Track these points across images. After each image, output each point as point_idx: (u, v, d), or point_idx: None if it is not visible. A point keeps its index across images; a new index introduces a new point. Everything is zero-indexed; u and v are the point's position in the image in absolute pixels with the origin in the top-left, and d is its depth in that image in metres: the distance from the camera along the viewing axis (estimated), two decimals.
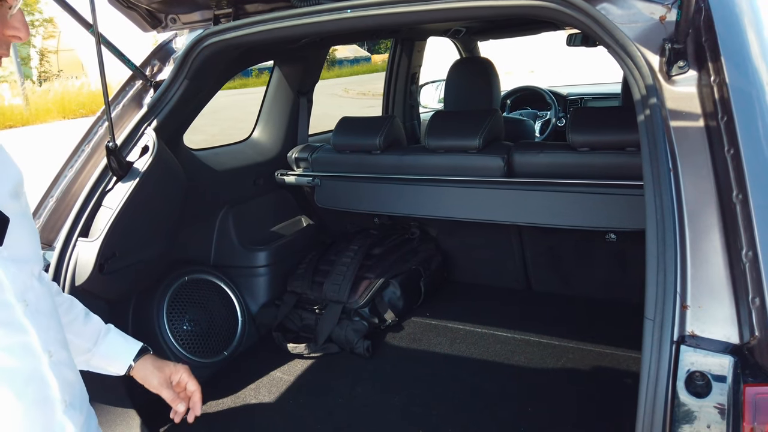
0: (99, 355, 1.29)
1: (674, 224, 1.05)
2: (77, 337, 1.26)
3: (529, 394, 1.99)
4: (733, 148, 1.02)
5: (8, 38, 0.90)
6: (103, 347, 1.29)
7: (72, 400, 1.02)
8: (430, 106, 4.37)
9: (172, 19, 1.89)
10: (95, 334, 1.29)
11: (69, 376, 1.03)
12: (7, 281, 0.91)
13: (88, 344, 1.28)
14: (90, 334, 1.28)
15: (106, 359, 1.31)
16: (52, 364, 0.97)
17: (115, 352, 1.31)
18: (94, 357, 1.29)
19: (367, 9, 1.53)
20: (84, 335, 1.27)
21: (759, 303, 0.90)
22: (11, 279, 0.92)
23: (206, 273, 2.40)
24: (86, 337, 1.27)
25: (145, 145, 1.83)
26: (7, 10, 0.88)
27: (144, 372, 1.32)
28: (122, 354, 1.31)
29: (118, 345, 1.31)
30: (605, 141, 2.07)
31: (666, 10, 1.24)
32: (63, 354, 1.03)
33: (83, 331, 1.27)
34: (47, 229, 1.79)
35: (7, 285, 0.91)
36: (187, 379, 1.35)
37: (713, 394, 0.93)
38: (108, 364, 1.32)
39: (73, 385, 1.05)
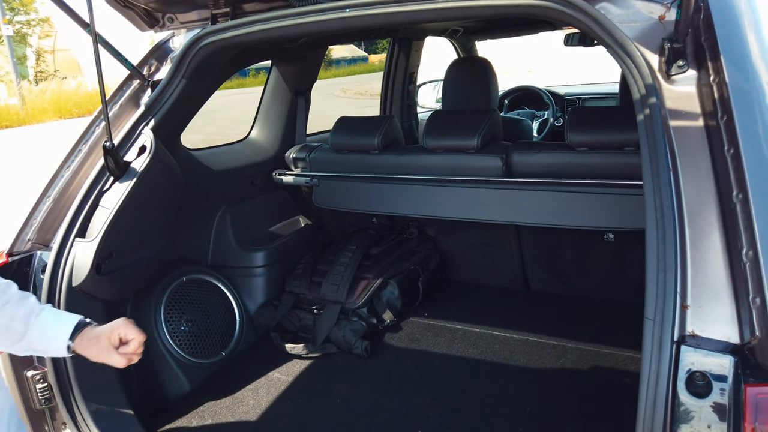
0: (34, 337, 1.25)
1: (674, 224, 1.04)
2: (11, 320, 1.23)
3: (527, 394, 1.99)
4: (733, 148, 1.02)
5: None
6: (36, 329, 1.25)
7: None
8: (427, 105, 4.36)
9: (169, 18, 1.88)
10: (28, 315, 1.25)
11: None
12: None
13: (23, 327, 1.24)
14: (22, 316, 1.25)
15: (42, 341, 1.26)
16: None
17: (49, 332, 1.26)
18: (31, 340, 1.25)
19: (365, 8, 1.52)
20: (17, 317, 1.24)
21: (760, 303, 0.90)
22: None
23: (204, 273, 2.39)
24: (19, 320, 1.24)
25: (143, 145, 1.82)
26: None
27: (82, 348, 1.27)
28: (57, 334, 1.26)
29: (51, 325, 1.26)
30: (603, 141, 2.07)
31: (665, 10, 1.24)
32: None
33: (16, 314, 1.24)
34: (44, 230, 1.78)
35: None
36: (125, 332, 1.29)
37: (714, 394, 0.93)
38: (45, 345, 1.27)
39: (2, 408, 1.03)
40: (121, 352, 1.26)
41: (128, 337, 1.28)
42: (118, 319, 1.31)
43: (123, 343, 1.28)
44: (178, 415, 1.99)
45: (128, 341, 1.28)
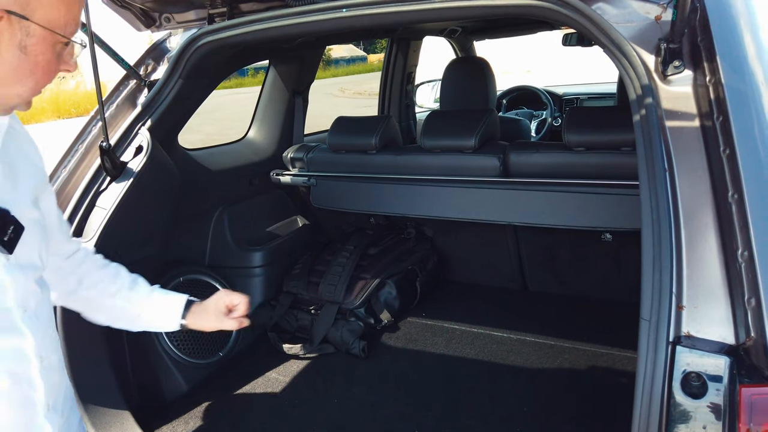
0: (147, 318, 1.37)
1: (670, 224, 1.04)
2: (126, 302, 1.34)
3: (525, 394, 1.99)
4: (728, 148, 1.02)
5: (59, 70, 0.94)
6: (149, 310, 1.36)
7: (55, 403, 1.04)
8: (425, 105, 4.36)
9: (166, 18, 1.87)
10: (140, 299, 1.36)
11: (56, 379, 1.05)
12: (10, 287, 0.93)
13: (137, 309, 1.36)
14: (137, 300, 1.36)
15: (155, 321, 1.39)
16: (42, 369, 0.98)
17: (161, 314, 1.38)
18: (144, 320, 1.38)
19: (363, 8, 1.52)
20: (132, 301, 1.35)
21: (755, 303, 0.90)
22: (14, 285, 0.93)
23: (201, 273, 2.39)
24: (134, 303, 1.35)
25: (140, 145, 1.82)
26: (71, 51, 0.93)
27: (193, 323, 1.39)
28: (169, 315, 1.38)
29: (162, 308, 1.38)
30: (601, 141, 2.07)
31: (661, 10, 1.24)
32: (54, 358, 1.05)
33: (131, 297, 1.35)
34: None
35: (10, 291, 0.93)
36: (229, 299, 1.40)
37: (709, 395, 0.93)
38: (159, 325, 1.40)
39: (59, 388, 1.07)
40: (233, 317, 1.38)
41: (234, 302, 1.39)
42: (218, 292, 1.44)
43: (230, 310, 1.39)
44: (175, 415, 1.98)
45: (234, 306, 1.39)
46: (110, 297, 1.33)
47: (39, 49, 0.87)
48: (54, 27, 0.87)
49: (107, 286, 1.33)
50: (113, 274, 1.36)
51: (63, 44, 0.91)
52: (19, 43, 0.85)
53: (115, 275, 1.36)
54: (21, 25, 0.84)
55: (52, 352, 1.04)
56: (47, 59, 0.88)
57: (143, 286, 1.38)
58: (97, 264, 1.35)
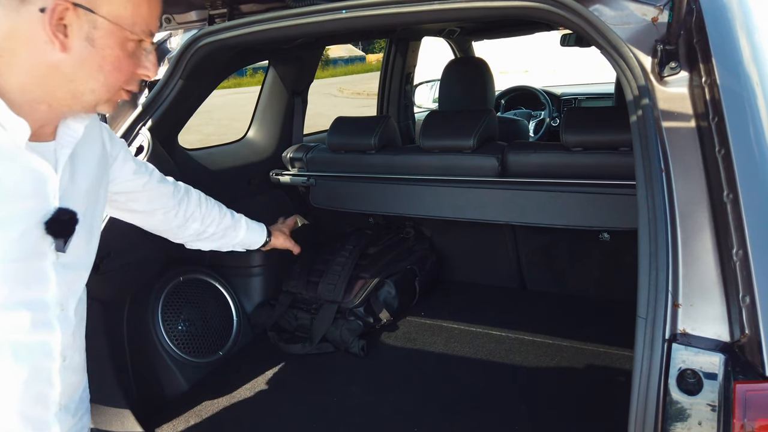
0: (241, 241, 1.72)
1: (666, 224, 1.06)
2: (225, 229, 1.66)
3: (523, 392, 2.00)
4: (723, 149, 1.03)
5: (140, 75, 0.97)
6: (242, 235, 1.71)
7: (68, 403, 1.05)
8: (424, 105, 4.37)
9: (166, 18, 1.88)
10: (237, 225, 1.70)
11: (73, 379, 1.07)
12: (55, 285, 0.96)
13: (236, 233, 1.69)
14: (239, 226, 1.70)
15: (248, 243, 1.76)
16: (62, 368, 1.00)
17: (253, 237, 1.75)
18: (239, 243, 1.73)
19: (362, 9, 1.53)
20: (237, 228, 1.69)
21: (749, 301, 0.91)
22: (59, 283, 0.96)
23: (201, 273, 2.40)
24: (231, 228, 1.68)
25: (140, 145, 1.83)
26: (142, 51, 0.95)
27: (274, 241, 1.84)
28: (258, 237, 1.77)
29: (253, 232, 1.75)
30: (598, 141, 2.08)
31: (658, 12, 1.25)
32: (76, 359, 1.07)
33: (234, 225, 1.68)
34: None
35: (54, 288, 0.96)
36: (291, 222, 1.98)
37: (704, 392, 0.94)
38: (249, 244, 1.77)
39: (75, 389, 1.09)
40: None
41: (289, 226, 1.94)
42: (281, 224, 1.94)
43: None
44: (175, 414, 1.99)
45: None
46: (210, 225, 1.61)
47: (106, 42, 0.89)
48: (121, 23, 0.89)
49: (208, 217, 1.60)
50: (218, 208, 1.64)
51: (135, 43, 0.93)
52: (86, 35, 0.87)
53: (219, 209, 1.65)
54: (88, 18, 0.87)
55: (75, 353, 1.06)
56: (116, 55, 0.91)
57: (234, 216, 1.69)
58: (194, 201, 1.57)
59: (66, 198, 0.97)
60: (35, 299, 0.93)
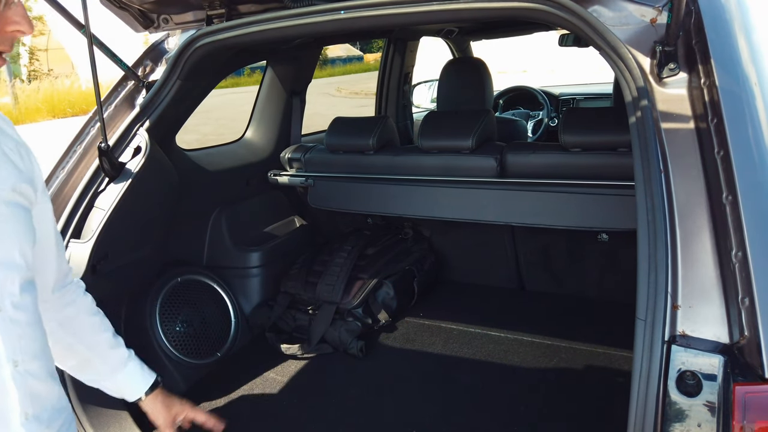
0: (115, 382, 1.33)
1: (665, 225, 1.06)
2: (102, 362, 1.29)
3: (521, 393, 2.00)
4: (722, 150, 1.03)
5: (12, 34, 0.88)
6: (121, 376, 1.32)
7: (38, 413, 0.99)
8: (422, 105, 4.37)
9: (164, 19, 1.88)
10: (118, 362, 1.31)
11: (38, 388, 1.00)
12: None
13: (108, 370, 1.30)
14: (114, 362, 1.30)
15: (121, 388, 1.34)
16: (15, 374, 0.93)
17: (131, 383, 1.34)
18: (109, 382, 1.33)
19: (360, 10, 1.53)
20: (108, 361, 1.30)
21: (748, 303, 0.91)
22: None
23: (199, 274, 2.40)
24: (109, 364, 1.30)
25: (138, 146, 1.82)
26: (9, 6, 0.86)
27: (153, 407, 1.36)
28: (137, 386, 1.34)
29: (135, 377, 1.34)
30: (597, 141, 2.08)
31: (657, 13, 1.25)
32: (34, 365, 0.99)
33: (108, 357, 1.30)
34: None
35: None
36: (193, 416, 1.40)
37: (704, 393, 0.94)
38: (120, 391, 1.35)
39: (42, 399, 1.01)
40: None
41: (190, 419, 1.40)
42: (188, 407, 1.41)
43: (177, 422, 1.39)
44: None
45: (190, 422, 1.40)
46: (86, 348, 1.26)
47: None
48: None
49: (90, 337, 1.26)
50: (99, 325, 1.29)
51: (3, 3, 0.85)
52: None
53: (101, 328, 1.29)
54: None
55: (32, 359, 0.98)
56: None
57: (122, 350, 1.32)
58: (86, 308, 1.27)
59: None
60: None
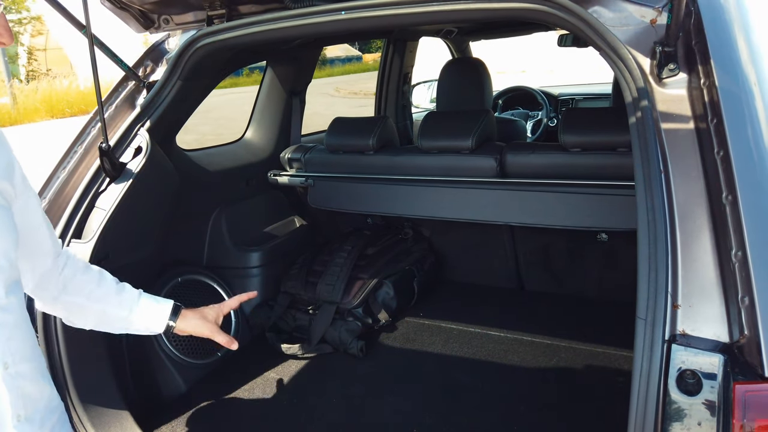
0: (136, 320, 1.39)
1: (665, 225, 1.06)
2: (113, 307, 1.35)
3: (521, 392, 2.01)
4: (722, 150, 1.03)
5: None
6: (140, 312, 1.38)
7: (30, 415, 1.00)
8: (421, 106, 4.38)
9: (165, 19, 1.88)
10: (131, 302, 1.38)
11: (28, 389, 1.01)
12: None
13: (124, 312, 1.37)
14: (127, 303, 1.37)
15: (144, 323, 1.41)
16: (6, 376, 0.95)
17: (152, 315, 1.40)
18: (132, 323, 1.40)
19: (361, 11, 1.53)
20: (121, 305, 1.36)
21: (748, 302, 0.92)
22: None
23: (199, 274, 2.40)
24: (123, 306, 1.37)
25: (138, 146, 1.82)
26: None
27: (191, 326, 1.45)
28: (159, 316, 1.41)
29: (153, 309, 1.41)
30: (597, 142, 2.09)
31: (656, 14, 1.26)
32: (24, 366, 1.00)
33: (119, 302, 1.36)
34: None
35: None
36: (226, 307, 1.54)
37: (704, 392, 0.94)
38: (147, 326, 1.41)
39: (34, 400, 1.03)
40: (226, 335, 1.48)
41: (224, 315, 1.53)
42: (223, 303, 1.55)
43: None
44: (174, 415, 1.99)
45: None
46: (96, 301, 1.33)
47: None
48: None
49: (93, 291, 1.33)
50: (97, 277, 1.35)
51: None
52: None
53: (100, 279, 1.35)
54: None
55: (22, 361, 0.99)
56: None
57: (130, 290, 1.40)
58: (80, 268, 1.33)
59: None
60: None
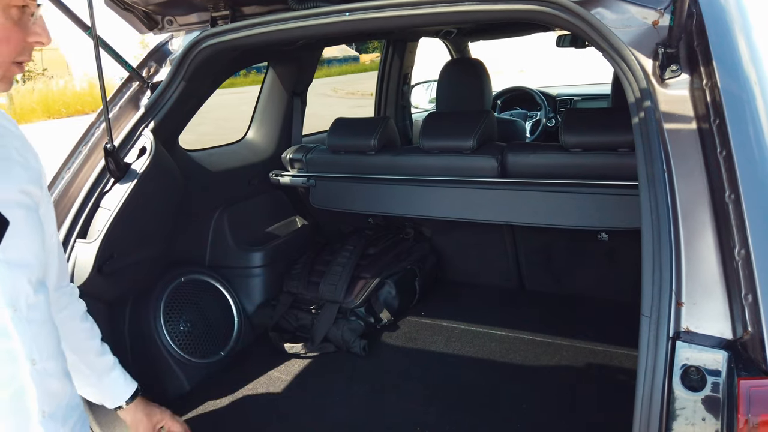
0: (99, 388, 1.35)
1: (669, 224, 1.07)
2: (87, 367, 1.31)
3: (523, 390, 2.02)
4: (725, 150, 1.05)
5: (30, 44, 0.91)
6: (105, 382, 1.35)
7: (53, 412, 1.01)
8: (420, 106, 4.39)
9: (168, 20, 1.89)
10: (103, 369, 1.34)
11: (54, 386, 1.02)
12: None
13: (93, 378, 1.33)
14: (99, 368, 1.34)
15: (103, 394, 1.37)
16: (34, 373, 0.95)
17: (113, 390, 1.36)
18: (92, 388, 1.35)
19: (366, 12, 1.54)
20: (94, 368, 1.33)
21: (751, 299, 0.93)
22: (2, 283, 0.91)
23: (202, 274, 2.41)
24: (95, 370, 1.33)
25: (143, 147, 1.83)
26: (29, 17, 0.89)
27: (133, 416, 1.39)
28: (119, 393, 1.37)
29: (118, 384, 1.37)
30: (597, 142, 2.10)
31: (659, 15, 1.27)
32: (50, 364, 1.01)
33: (94, 365, 1.33)
34: None
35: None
36: (170, 424, 1.44)
37: (708, 388, 0.96)
38: (102, 398, 1.37)
39: (58, 397, 1.04)
40: None
41: (169, 429, 1.43)
42: (168, 415, 1.45)
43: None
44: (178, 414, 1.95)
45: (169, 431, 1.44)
46: (76, 351, 1.28)
47: None
48: None
49: (80, 342, 1.29)
50: (89, 332, 1.32)
51: (18, 9, 0.86)
52: None
53: (91, 335, 1.32)
54: None
55: (48, 358, 1.01)
56: (0, 25, 0.84)
57: (108, 358, 1.35)
58: (78, 315, 1.30)
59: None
60: None
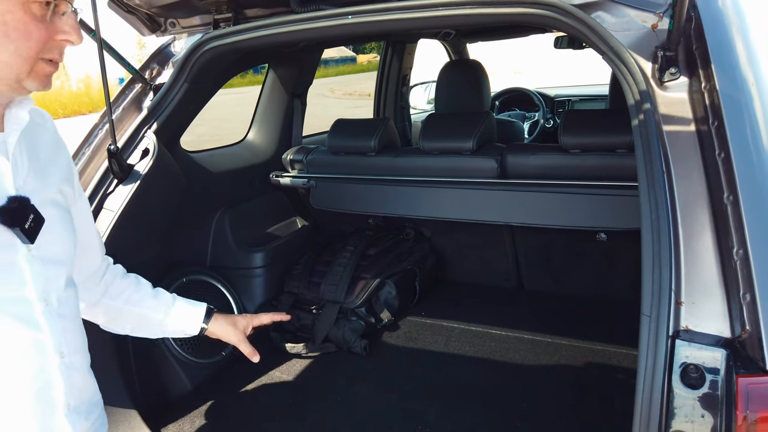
0: (171, 323, 1.43)
1: (668, 224, 1.09)
2: (150, 310, 1.40)
3: (523, 390, 2.04)
4: (723, 152, 1.07)
5: (60, 42, 0.90)
6: (174, 315, 1.42)
7: (78, 405, 1.03)
8: (419, 107, 4.41)
9: (171, 23, 1.90)
10: (166, 306, 1.42)
11: (79, 380, 1.04)
12: (30, 279, 0.92)
13: (160, 315, 1.41)
14: (162, 307, 1.41)
15: (179, 325, 1.44)
16: (62, 366, 0.98)
17: (186, 318, 1.44)
18: (168, 326, 1.43)
19: (368, 15, 1.56)
20: (158, 309, 1.41)
21: (749, 298, 0.95)
22: (35, 277, 0.93)
23: (203, 274, 2.41)
24: (160, 310, 1.41)
25: (146, 148, 1.84)
26: (58, 15, 0.89)
27: (221, 330, 1.47)
28: (193, 318, 1.45)
29: (187, 311, 1.45)
30: (596, 143, 2.12)
31: (658, 19, 1.29)
32: (77, 358, 1.04)
33: (155, 306, 1.41)
34: None
35: (30, 282, 0.93)
36: (258, 322, 1.54)
37: (707, 386, 0.97)
38: (183, 329, 1.45)
39: (82, 391, 1.06)
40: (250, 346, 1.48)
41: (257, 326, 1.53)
42: (255, 315, 1.55)
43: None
44: (180, 414, 2.01)
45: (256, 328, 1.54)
46: (134, 305, 1.37)
47: (4, 7, 0.82)
48: None
49: (131, 295, 1.37)
50: (135, 283, 1.40)
51: (40, 5, 0.85)
52: None
53: (137, 284, 1.40)
54: None
55: (76, 352, 1.03)
56: (18, 19, 0.83)
57: (165, 294, 1.44)
58: (119, 273, 1.38)
59: (28, 189, 0.93)
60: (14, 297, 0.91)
